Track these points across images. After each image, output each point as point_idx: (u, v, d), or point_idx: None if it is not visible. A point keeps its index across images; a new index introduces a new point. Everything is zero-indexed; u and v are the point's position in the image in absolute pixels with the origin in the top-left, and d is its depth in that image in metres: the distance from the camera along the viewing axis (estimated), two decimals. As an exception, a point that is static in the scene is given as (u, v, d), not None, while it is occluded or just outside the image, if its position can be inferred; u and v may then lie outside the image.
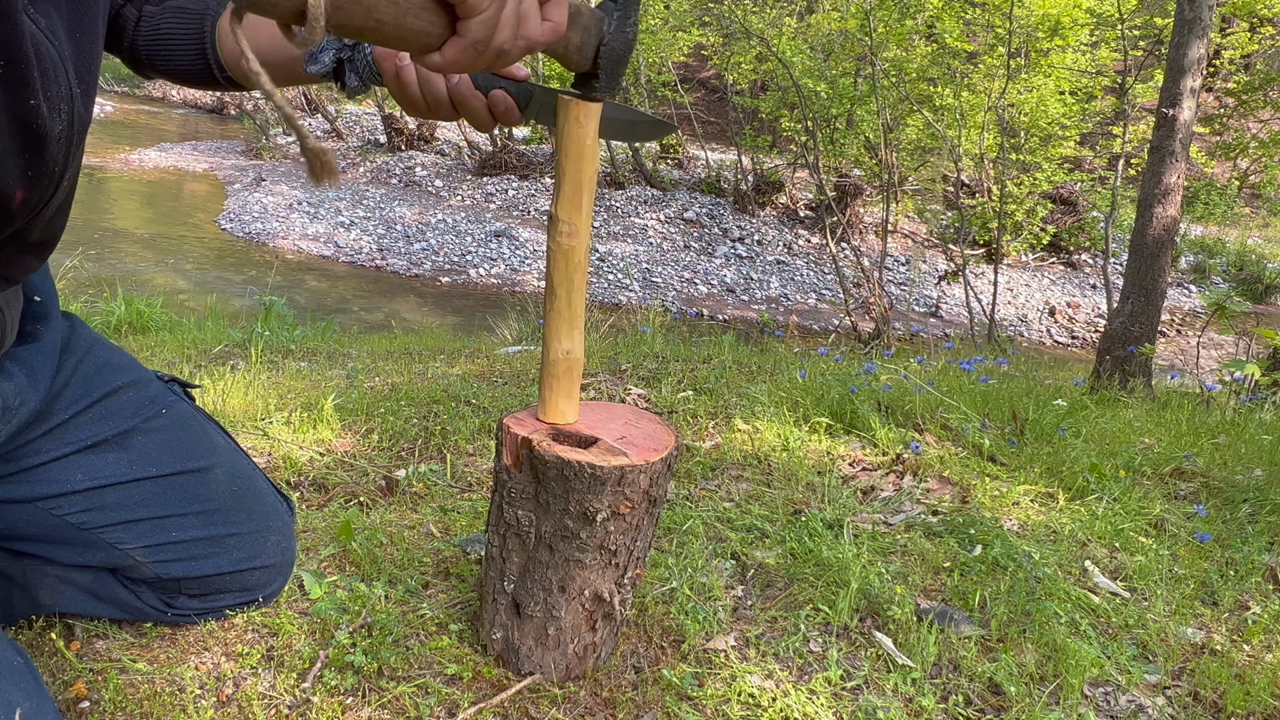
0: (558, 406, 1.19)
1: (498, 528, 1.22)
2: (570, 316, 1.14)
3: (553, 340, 1.15)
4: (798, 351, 4.43)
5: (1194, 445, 2.48)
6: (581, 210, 1.09)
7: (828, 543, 1.68)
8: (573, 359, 1.17)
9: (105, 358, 1.24)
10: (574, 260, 1.11)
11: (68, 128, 0.95)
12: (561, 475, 1.13)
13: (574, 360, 1.17)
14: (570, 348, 1.16)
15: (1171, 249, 4.49)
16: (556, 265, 1.11)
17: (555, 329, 1.15)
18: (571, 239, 1.10)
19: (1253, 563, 1.79)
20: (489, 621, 1.28)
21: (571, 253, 1.10)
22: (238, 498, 1.27)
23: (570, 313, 1.14)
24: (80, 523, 1.18)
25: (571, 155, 1.06)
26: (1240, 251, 12.36)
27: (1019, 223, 10.55)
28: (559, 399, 1.19)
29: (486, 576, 1.27)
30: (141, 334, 4.73)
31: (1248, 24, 12.95)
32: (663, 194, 13.20)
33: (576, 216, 1.09)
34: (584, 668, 1.27)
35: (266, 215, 11.45)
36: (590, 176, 1.08)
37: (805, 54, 10.52)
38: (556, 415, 1.20)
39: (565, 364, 1.17)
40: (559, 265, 1.11)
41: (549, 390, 1.19)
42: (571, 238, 1.10)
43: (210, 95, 18.95)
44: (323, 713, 1.19)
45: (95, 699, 1.18)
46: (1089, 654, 1.42)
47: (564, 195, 1.08)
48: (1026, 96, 9.75)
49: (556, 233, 1.10)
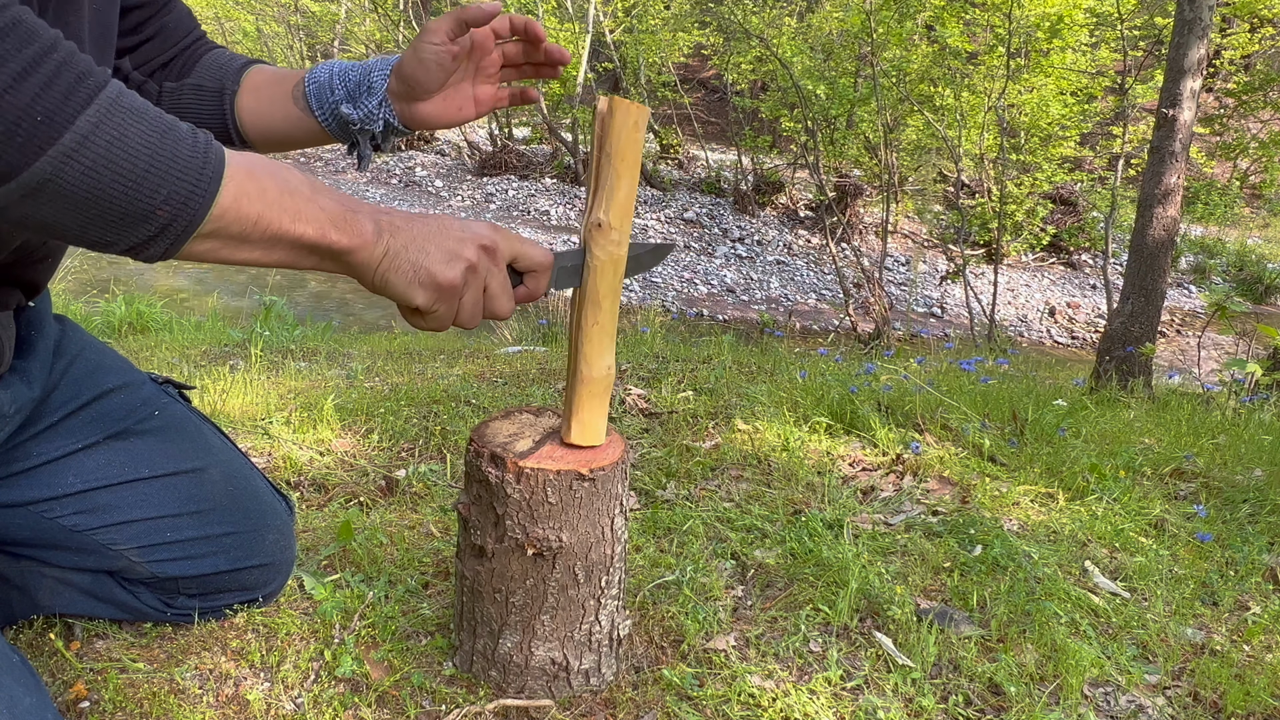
0: (595, 427, 1.13)
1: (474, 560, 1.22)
2: (612, 330, 1.09)
3: (594, 357, 1.09)
4: (798, 352, 4.43)
5: (1194, 445, 2.48)
6: (629, 216, 1.05)
7: (828, 543, 1.68)
8: (612, 375, 1.12)
9: (96, 360, 1.24)
10: (620, 270, 1.06)
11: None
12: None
13: (612, 376, 1.12)
14: (611, 363, 1.10)
15: (1171, 249, 4.49)
16: (603, 276, 1.05)
17: (598, 344, 1.08)
18: (621, 247, 1.05)
19: (1253, 563, 1.79)
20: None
21: (621, 262, 1.05)
22: (233, 497, 1.27)
23: (613, 326, 1.09)
24: (73, 525, 1.18)
25: (628, 159, 1.02)
26: (1240, 251, 12.36)
27: (1019, 223, 10.56)
28: (597, 419, 1.13)
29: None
30: (142, 334, 4.74)
31: (1248, 24, 12.95)
32: (663, 194, 13.20)
33: (627, 223, 1.05)
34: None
35: (266, 215, 11.44)
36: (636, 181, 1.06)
37: (805, 54, 10.53)
38: (592, 437, 1.13)
39: (605, 381, 1.11)
40: (606, 276, 1.05)
41: (586, 411, 1.12)
42: (621, 246, 1.05)
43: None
44: (322, 713, 1.19)
45: (95, 699, 1.18)
46: (1089, 654, 1.42)
47: (616, 201, 1.03)
48: (1027, 97, 9.76)
49: (607, 241, 1.04)
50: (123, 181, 0.74)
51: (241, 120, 1.18)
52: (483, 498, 1.17)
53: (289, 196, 0.83)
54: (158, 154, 0.75)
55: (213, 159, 0.78)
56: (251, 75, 1.19)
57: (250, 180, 0.80)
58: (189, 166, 0.76)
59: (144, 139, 0.75)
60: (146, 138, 0.75)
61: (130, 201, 0.75)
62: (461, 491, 1.23)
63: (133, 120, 0.74)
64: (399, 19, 14.33)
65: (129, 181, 0.74)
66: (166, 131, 0.76)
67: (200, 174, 0.77)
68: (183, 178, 0.76)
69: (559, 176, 13.54)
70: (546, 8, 13.21)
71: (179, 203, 0.76)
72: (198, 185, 0.77)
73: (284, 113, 1.18)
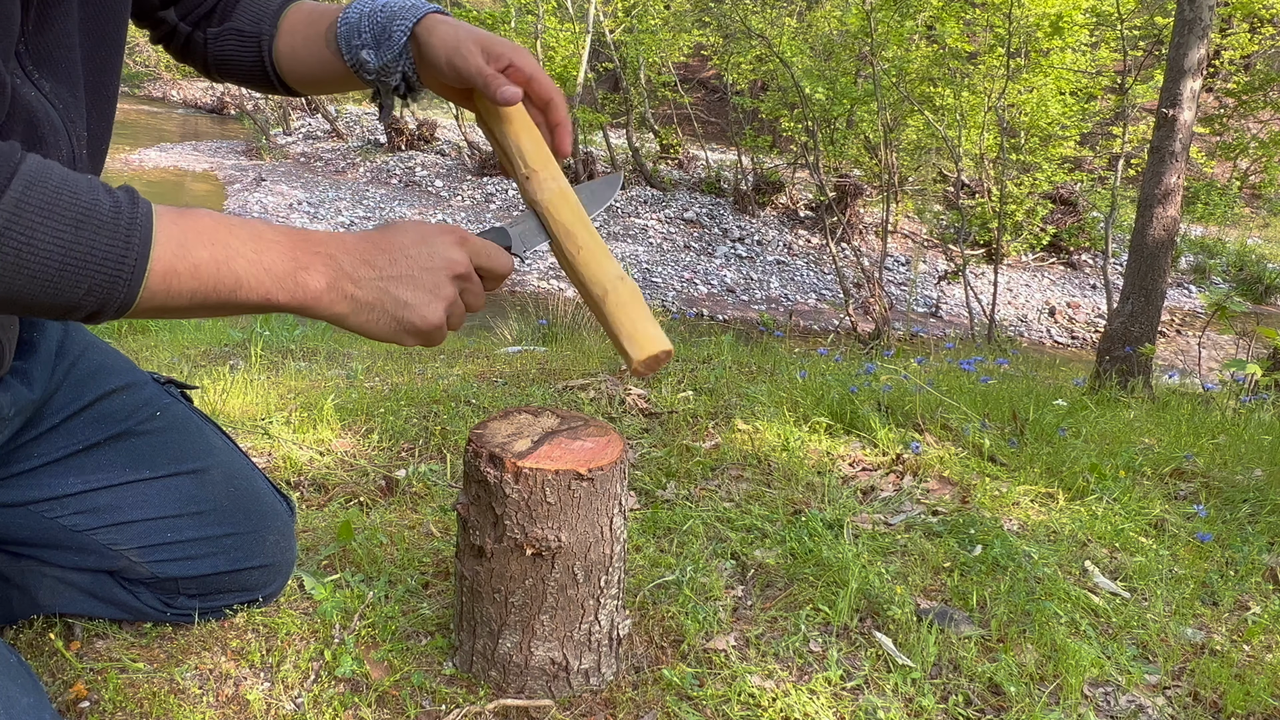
0: (645, 334, 1.05)
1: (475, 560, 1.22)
2: (600, 249, 1.08)
3: (597, 274, 1.06)
4: (798, 352, 4.43)
5: (1194, 445, 2.48)
6: (548, 160, 1.09)
7: (828, 543, 1.68)
8: (627, 282, 1.07)
9: (99, 361, 1.23)
10: (571, 200, 1.08)
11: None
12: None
13: (630, 283, 1.08)
14: (617, 271, 1.07)
15: (1171, 249, 4.49)
16: (559, 210, 1.07)
17: (593, 264, 1.07)
18: (557, 181, 1.08)
19: (1253, 563, 1.79)
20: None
21: (566, 194, 1.08)
22: (234, 498, 1.27)
23: (599, 246, 1.08)
24: (73, 525, 1.18)
25: (514, 121, 1.09)
26: (1240, 251, 12.36)
27: (1019, 223, 10.56)
28: (640, 327, 1.05)
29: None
30: (141, 334, 4.73)
31: (1247, 24, 12.95)
32: (663, 194, 13.20)
33: (549, 164, 1.09)
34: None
35: (267, 215, 11.45)
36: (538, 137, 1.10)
37: (805, 54, 10.53)
38: (649, 344, 1.05)
39: (624, 290, 1.06)
40: (562, 209, 1.07)
41: (627, 325, 1.05)
42: (556, 180, 1.08)
43: (210, 95, 18.95)
44: (322, 713, 1.19)
45: (95, 699, 1.18)
46: (1089, 654, 1.42)
47: (526, 152, 1.08)
48: (1026, 97, 9.75)
49: (540, 185, 1.08)
50: (37, 283, 0.74)
51: (280, 65, 1.16)
52: (481, 498, 1.17)
53: (227, 265, 0.82)
54: (71, 251, 0.74)
55: (135, 244, 0.77)
56: (289, 15, 1.16)
57: (181, 257, 0.79)
58: (107, 257, 0.76)
59: (54, 238, 0.74)
60: (57, 235, 0.74)
61: (52, 296, 0.75)
62: (460, 492, 1.23)
63: (42, 220, 0.73)
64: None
65: (44, 282, 0.74)
66: (82, 223, 0.75)
67: (120, 264, 0.76)
68: (100, 270, 0.76)
69: (559, 176, 13.51)
70: (547, 8, 13.21)
71: (102, 294, 0.76)
72: (118, 275, 0.76)
73: (317, 56, 1.15)
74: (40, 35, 0.92)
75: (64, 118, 0.95)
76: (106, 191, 0.78)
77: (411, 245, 0.92)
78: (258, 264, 0.83)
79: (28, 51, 0.91)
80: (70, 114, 0.96)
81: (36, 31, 0.92)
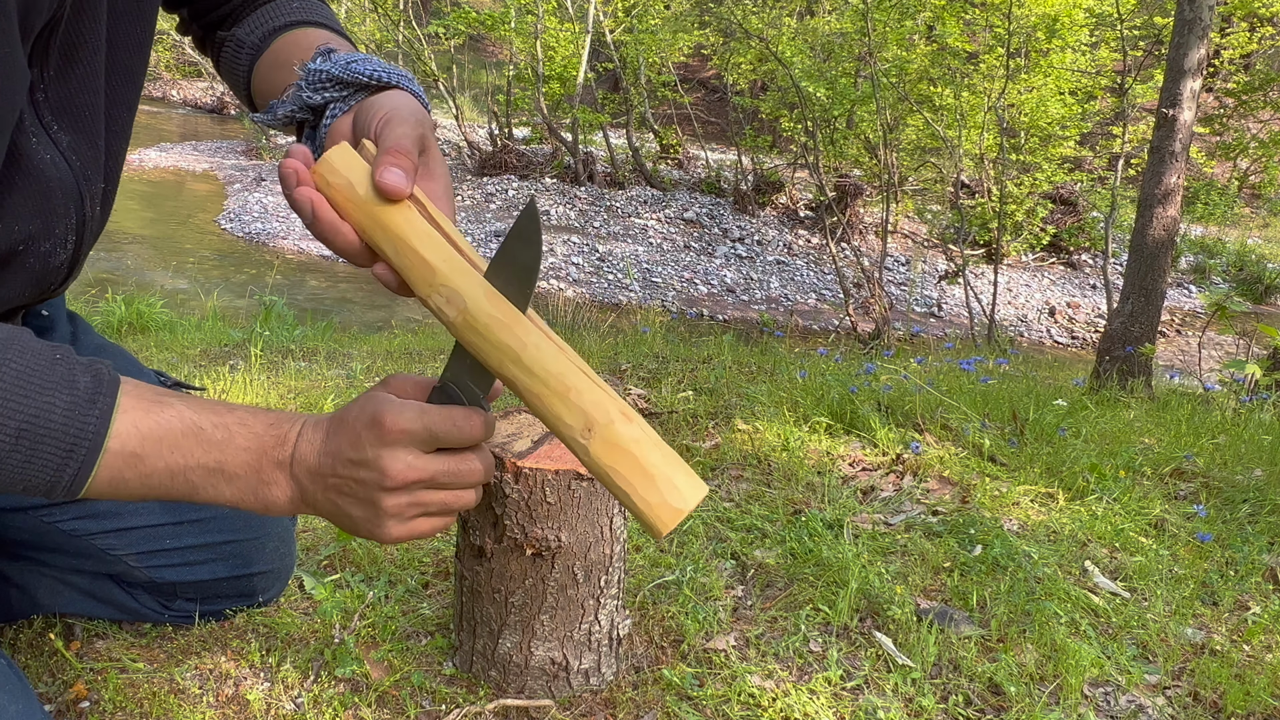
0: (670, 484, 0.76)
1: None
2: (546, 380, 0.77)
3: (570, 411, 0.77)
4: (798, 351, 4.43)
5: (1194, 445, 2.48)
6: (436, 272, 0.78)
7: (828, 543, 1.68)
8: (605, 426, 0.76)
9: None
10: (480, 322, 0.77)
11: (71, 256, 0.97)
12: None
13: (623, 409, 0.77)
14: (620, 408, 0.77)
15: (1172, 249, 4.49)
16: (489, 330, 0.77)
17: (561, 399, 0.77)
18: (467, 288, 0.77)
19: (1253, 563, 1.79)
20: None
21: (481, 297, 0.77)
22: None
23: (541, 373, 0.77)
24: (72, 530, 1.18)
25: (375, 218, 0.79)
26: (1240, 251, 12.35)
27: (1019, 223, 10.56)
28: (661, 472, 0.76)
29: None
30: (141, 334, 4.73)
31: (1247, 24, 12.95)
32: (663, 194, 13.19)
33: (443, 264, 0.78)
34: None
35: (267, 215, 11.44)
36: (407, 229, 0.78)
37: (805, 54, 10.53)
38: (687, 496, 0.76)
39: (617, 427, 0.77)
40: (491, 327, 0.77)
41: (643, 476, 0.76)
42: (452, 302, 0.78)
43: (210, 95, 18.95)
44: (322, 713, 1.19)
45: (95, 699, 1.18)
46: (1089, 654, 1.42)
47: (408, 266, 0.79)
48: (1026, 97, 9.76)
49: (447, 303, 0.78)
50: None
51: (255, 89, 1.10)
52: (481, 498, 1.17)
53: (183, 476, 0.79)
54: (5, 461, 0.73)
55: (79, 455, 0.74)
56: (279, 42, 1.07)
57: (132, 467, 0.77)
58: (45, 468, 0.74)
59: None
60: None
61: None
62: None
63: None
64: (399, 19, 14.31)
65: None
66: (23, 433, 0.73)
67: (57, 476, 0.75)
68: (38, 477, 0.75)
69: (559, 176, 13.53)
70: (547, 8, 13.20)
71: (42, 491, 0.76)
72: (56, 482, 0.75)
73: (282, 84, 1.05)
74: (64, 81, 0.87)
75: (80, 176, 0.91)
76: (66, 388, 0.74)
77: (348, 450, 0.80)
78: (218, 474, 0.80)
79: (47, 100, 0.86)
80: (87, 170, 0.92)
81: (60, 77, 0.86)
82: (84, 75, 0.88)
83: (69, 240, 0.94)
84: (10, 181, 0.84)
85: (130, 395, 0.78)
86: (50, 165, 0.87)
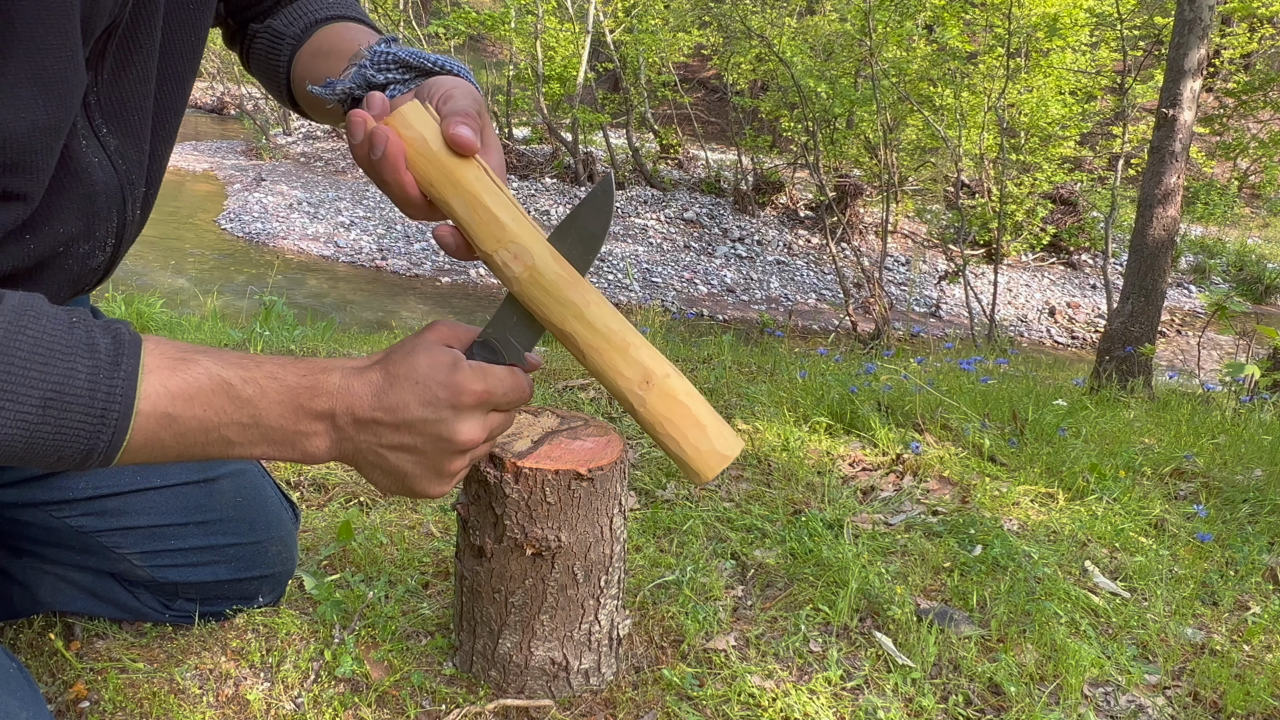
0: (710, 436, 0.87)
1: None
2: (620, 334, 0.84)
3: (623, 367, 0.84)
4: (798, 352, 4.43)
5: (1194, 445, 2.48)
6: (506, 229, 0.82)
7: (828, 543, 1.68)
8: (665, 372, 0.85)
9: None
10: (547, 279, 0.83)
11: (109, 258, 0.97)
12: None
13: (667, 372, 0.86)
14: (648, 360, 0.85)
15: (1172, 249, 4.49)
16: (550, 289, 0.83)
17: (617, 355, 0.84)
18: (537, 246, 0.83)
19: (1253, 563, 1.79)
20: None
21: (545, 258, 0.84)
22: (241, 508, 1.27)
23: (614, 326, 0.84)
24: (79, 526, 1.18)
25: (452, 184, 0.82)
26: (1240, 251, 12.35)
27: (1019, 223, 10.56)
28: (699, 428, 0.86)
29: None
30: (142, 333, 4.73)
31: (1247, 24, 12.95)
32: (663, 194, 13.19)
33: (514, 219, 0.83)
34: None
35: (267, 215, 11.45)
36: (479, 188, 0.82)
37: (805, 54, 10.53)
38: (716, 456, 0.87)
39: (664, 381, 0.85)
40: (553, 288, 0.83)
41: (684, 427, 0.85)
42: (519, 258, 0.83)
43: (210, 95, 18.94)
44: (322, 713, 1.19)
45: (95, 699, 1.18)
46: (1089, 654, 1.42)
47: (472, 224, 0.82)
48: (1026, 97, 9.76)
49: (514, 259, 0.83)
50: (6, 455, 0.71)
51: (293, 81, 1.10)
52: (481, 497, 1.17)
53: (217, 432, 0.77)
54: (36, 433, 0.70)
55: (111, 419, 0.72)
56: (319, 35, 1.08)
57: (167, 427, 0.75)
58: (78, 436, 0.72)
59: (19, 422, 0.69)
60: (21, 418, 0.69)
61: (27, 460, 0.73)
62: (460, 491, 1.22)
63: (7, 403, 0.69)
64: (399, 19, 14.32)
65: (13, 456, 0.71)
66: (50, 402, 0.70)
67: (92, 443, 0.73)
68: (73, 444, 0.72)
69: (559, 176, 13.53)
70: (547, 8, 13.21)
71: (77, 461, 0.74)
72: (92, 449, 0.73)
73: (324, 75, 1.05)
74: (117, 85, 0.86)
75: (124, 180, 0.91)
76: (86, 351, 0.72)
77: (417, 408, 0.80)
78: (253, 429, 0.79)
79: (99, 104, 0.85)
80: (132, 174, 0.92)
81: (113, 81, 0.85)
82: (136, 79, 0.88)
83: (108, 243, 0.95)
84: (58, 184, 0.83)
85: (154, 354, 0.76)
86: (97, 168, 0.87)
